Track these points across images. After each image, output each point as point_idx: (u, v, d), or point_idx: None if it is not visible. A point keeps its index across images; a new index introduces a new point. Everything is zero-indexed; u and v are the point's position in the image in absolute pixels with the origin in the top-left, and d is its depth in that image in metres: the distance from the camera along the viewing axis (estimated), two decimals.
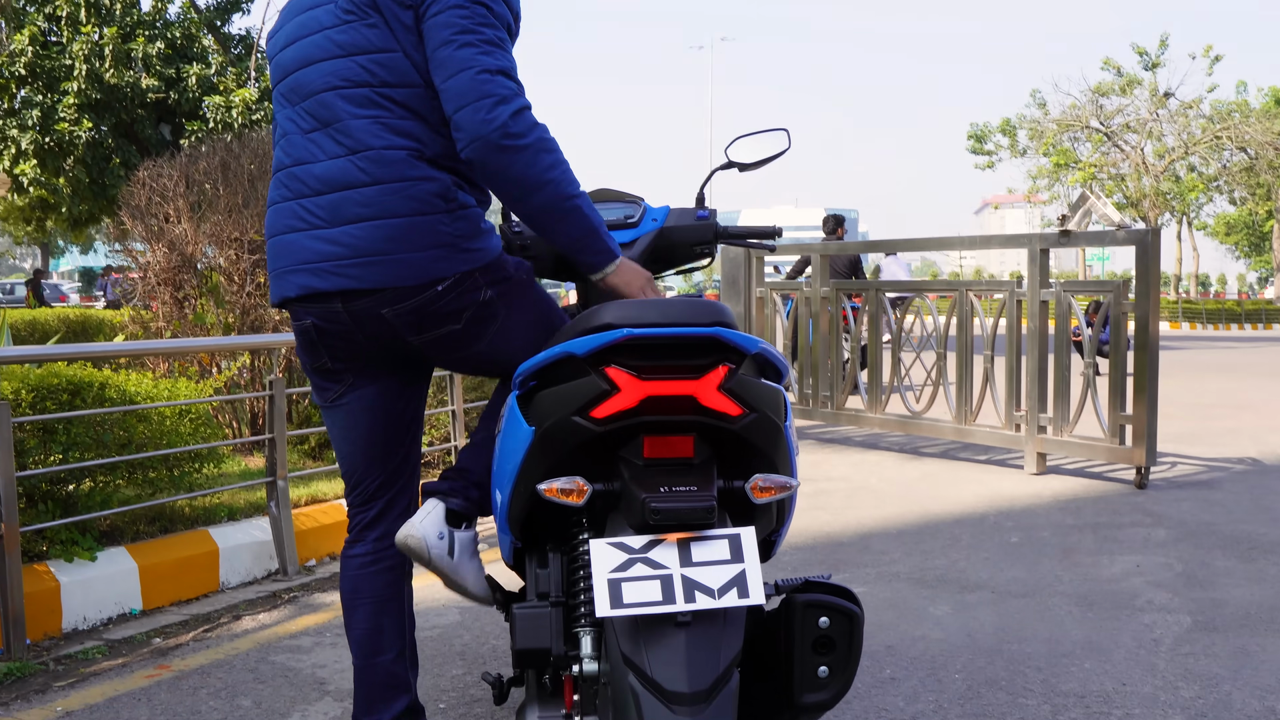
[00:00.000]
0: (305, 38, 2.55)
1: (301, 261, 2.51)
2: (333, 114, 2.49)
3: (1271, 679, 3.64)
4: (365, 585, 2.71)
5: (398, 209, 2.43)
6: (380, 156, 2.44)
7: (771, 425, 2.20)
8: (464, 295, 2.47)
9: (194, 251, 7.06)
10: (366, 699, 2.70)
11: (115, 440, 4.86)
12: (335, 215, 2.47)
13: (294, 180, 2.55)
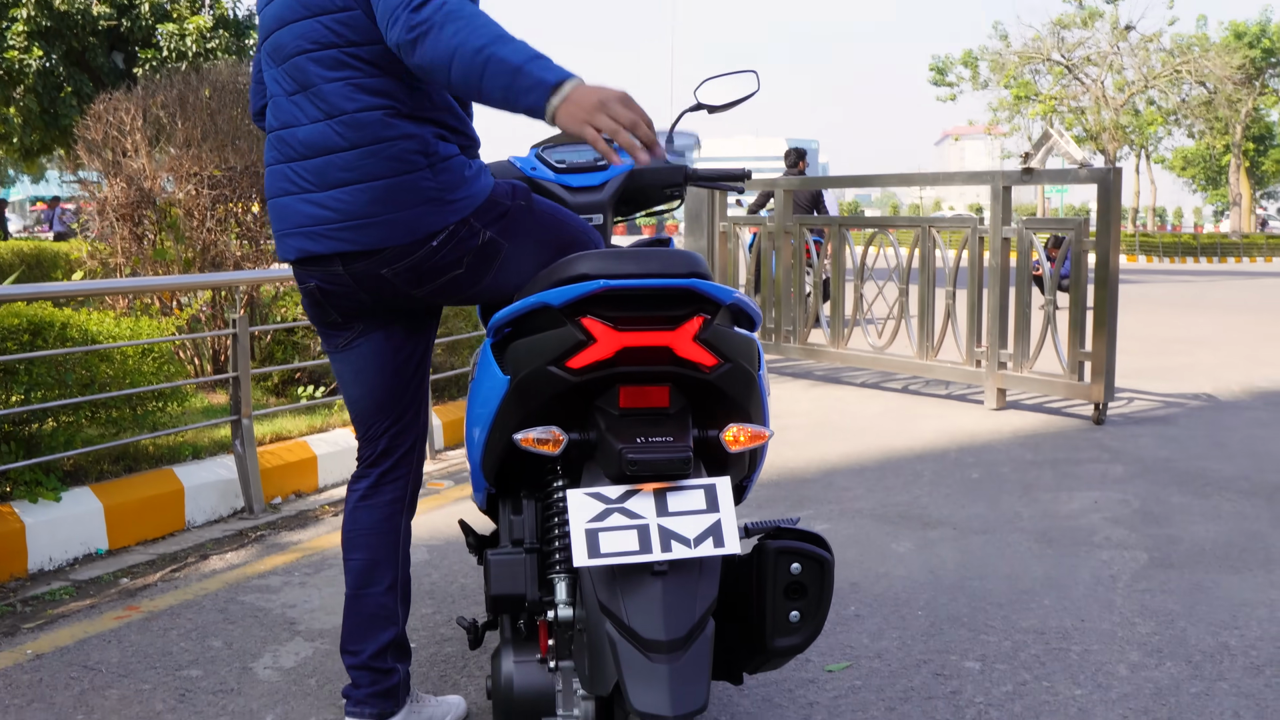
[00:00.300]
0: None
1: (296, 225, 2.52)
2: (307, 78, 2.48)
3: (1224, 615, 3.73)
4: (365, 518, 2.75)
5: (378, 171, 2.42)
6: (355, 120, 2.42)
7: (746, 375, 2.21)
8: (461, 244, 2.48)
9: (152, 186, 6.97)
10: (355, 629, 2.73)
11: (78, 380, 4.82)
12: (322, 180, 2.48)
13: (283, 144, 2.55)
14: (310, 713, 3.07)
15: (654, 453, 2.01)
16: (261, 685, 3.25)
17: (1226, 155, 57.17)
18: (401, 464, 2.78)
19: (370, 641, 2.72)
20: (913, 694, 3.14)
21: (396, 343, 2.71)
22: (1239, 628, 3.61)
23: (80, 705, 3.12)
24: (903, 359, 8.41)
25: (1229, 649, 3.45)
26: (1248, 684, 3.19)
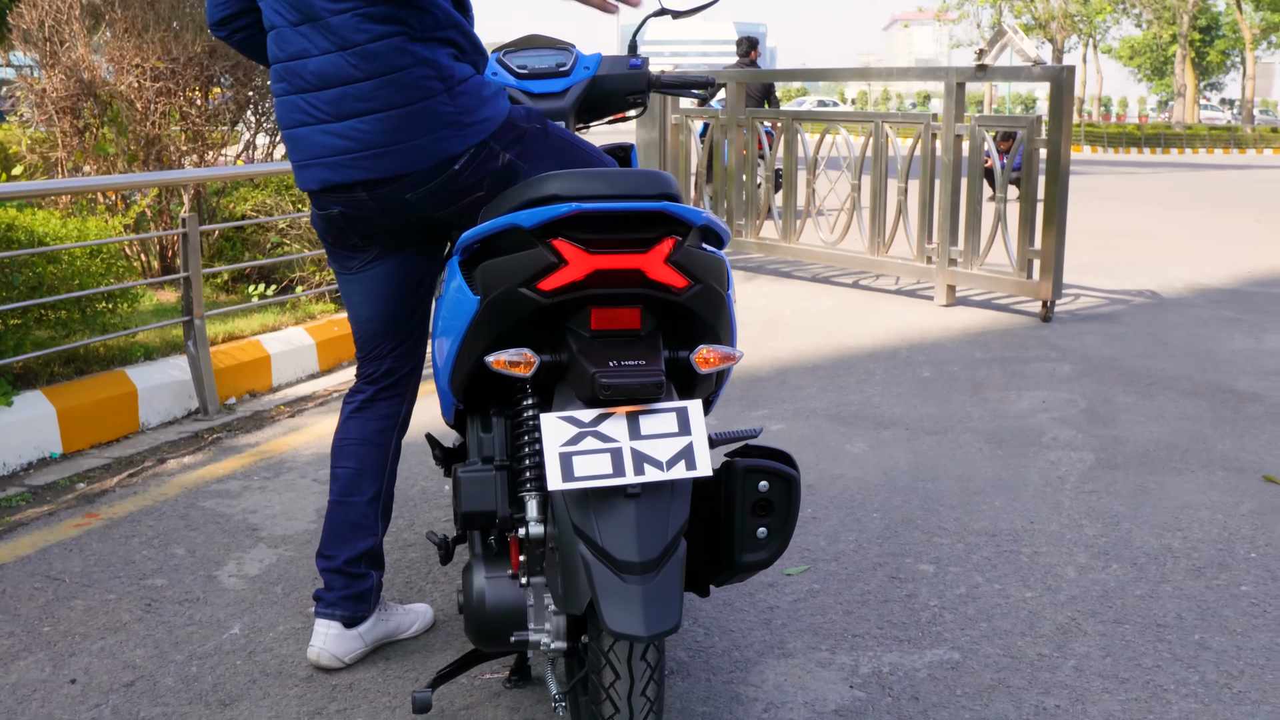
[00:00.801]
0: None
1: (316, 156, 2.50)
2: (311, 9, 2.43)
3: (1168, 516, 3.84)
4: (357, 429, 2.79)
5: (396, 100, 2.41)
6: (367, 51, 2.40)
7: (716, 295, 2.23)
8: (482, 166, 2.48)
9: (93, 78, 6.78)
10: (335, 535, 2.78)
11: (25, 282, 4.74)
12: (338, 110, 2.46)
13: (292, 75, 2.50)
14: (278, 621, 3.10)
15: (627, 377, 2.03)
16: (227, 594, 3.27)
17: (1173, 45, 57.20)
18: (401, 383, 2.81)
19: (347, 548, 2.76)
20: (869, 597, 3.22)
21: (410, 266, 2.72)
22: (1181, 530, 3.72)
23: (46, 617, 3.13)
24: (854, 254, 8.44)
25: (1172, 551, 3.55)
26: (1189, 586, 3.30)
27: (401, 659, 2.87)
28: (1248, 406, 5.21)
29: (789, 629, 3.03)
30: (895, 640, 2.97)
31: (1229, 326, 7.11)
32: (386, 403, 2.82)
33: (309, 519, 3.85)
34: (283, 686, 2.75)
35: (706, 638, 2.98)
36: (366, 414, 2.81)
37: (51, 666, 2.85)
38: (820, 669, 2.82)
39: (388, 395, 2.82)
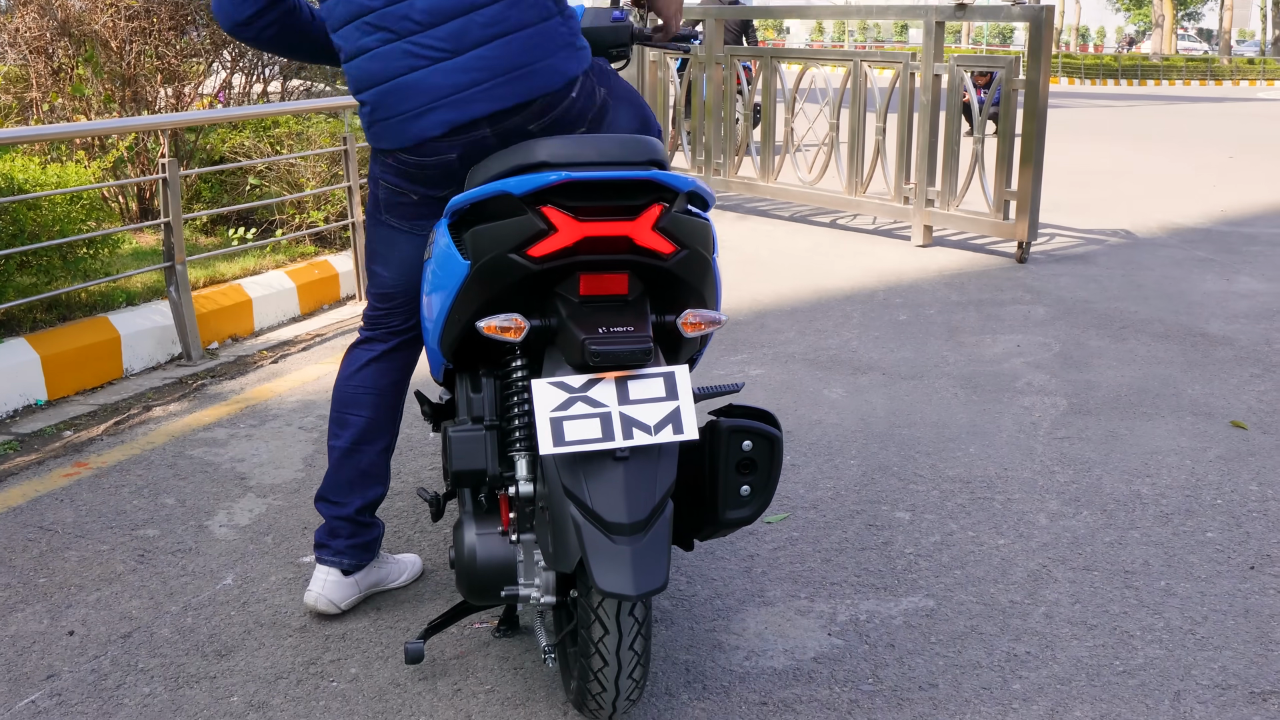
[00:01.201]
0: None
1: (436, 99, 2.45)
2: None
3: (1137, 462, 3.94)
4: (373, 378, 2.81)
5: (523, 20, 2.43)
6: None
7: (702, 260, 2.28)
8: (589, 98, 2.54)
9: (67, 17, 6.72)
10: (346, 483, 2.83)
11: (6, 230, 4.74)
12: (459, 42, 2.43)
13: (395, 20, 2.45)
14: (269, 571, 3.16)
15: (616, 344, 2.08)
16: (219, 544, 3.33)
17: None
18: (419, 336, 2.82)
19: (358, 496, 2.83)
20: (847, 545, 3.31)
21: None
22: (1150, 476, 3.82)
23: (41, 568, 3.18)
24: (832, 194, 8.47)
25: (1141, 497, 3.65)
26: (1157, 532, 3.40)
27: (393, 609, 2.94)
28: (1217, 350, 5.31)
29: (769, 577, 3.11)
30: (872, 588, 3.06)
31: (1201, 268, 7.20)
32: (404, 354, 2.86)
33: (296, 468, 3.91)
34: (277, 637, 2.82)
35: (689, 586, 3.06)
36: (384, 364, 2.83)
37: (49, 618, 2.91)
38: (799, 617, 2.91)
39: (407, 347, 2.85)
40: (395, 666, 2.68)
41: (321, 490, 2.87)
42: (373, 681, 2.63)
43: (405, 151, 2.53)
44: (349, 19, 2.52)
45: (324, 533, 2.88)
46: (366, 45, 2.51)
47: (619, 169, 2.16)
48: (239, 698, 2.56)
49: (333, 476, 2.86)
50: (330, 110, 6.75)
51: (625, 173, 2.14)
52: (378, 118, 2.54)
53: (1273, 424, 4.33)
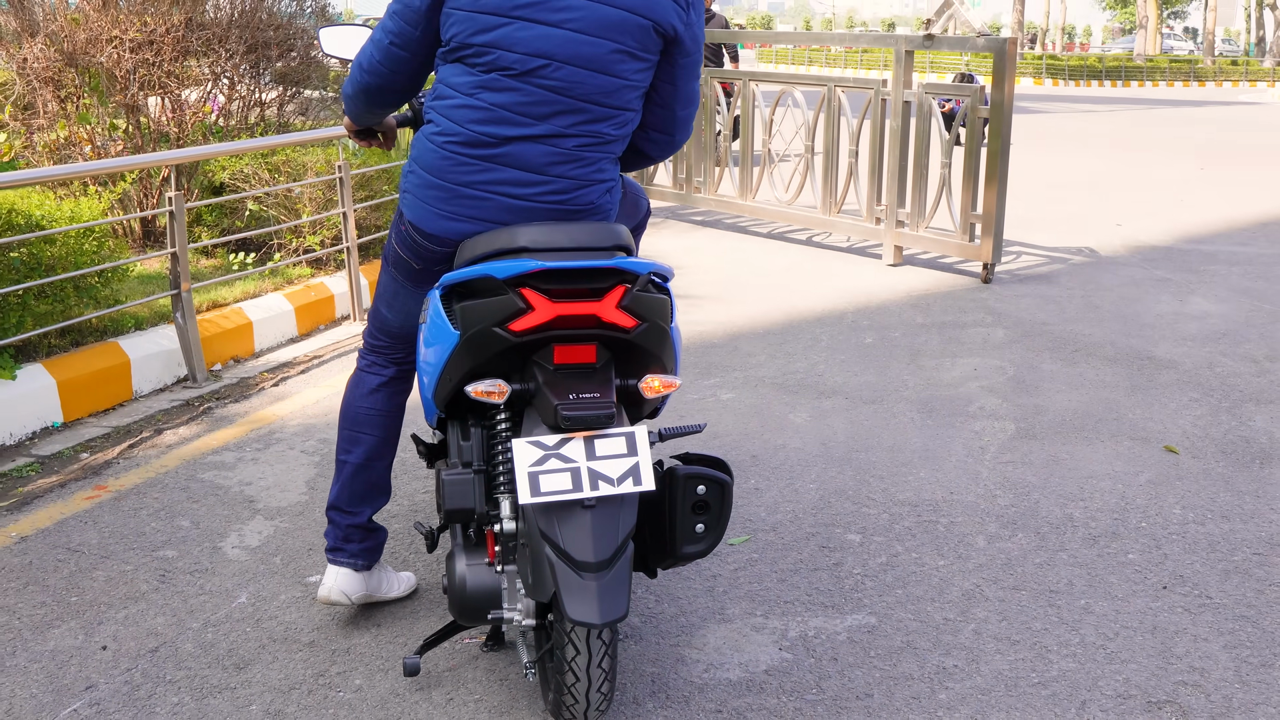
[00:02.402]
0: (555, 29, 2.70)
1: (477, 214, 2.80)
2: (561, 118, 2.74)
3: (1073, 487, 4.30)
4: (383, 402, 3.20)
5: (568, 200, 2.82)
6: (574, 156, 2.79)
7: (660, 331, 2.63)
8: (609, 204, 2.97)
9: (74, 49, 7.04)
10: (359, 495, 3.20)
11: (26, 264, 5.07)
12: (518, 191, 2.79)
13: (497, 142, 2.75)
14: (279, 590, 3.50)
15: (584, 409, 2.43)
16: (232, 565, 3.67)
17: None
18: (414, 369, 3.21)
19: (369, 506, 3.21)
20: (801, 566, 3.66)
21: None
22: (1084, 500, 4.18)
23: (72, 587, 3.52)
24: (808, 214, 8.83)
25: (1073, 520, 4.01)
26: (1083, 554, 3.76)
27: (391, 626, 3.29)
28: (1162, 374, 5.67)
29: (729, 596, 3.46)
30: (821, 606, 3.41)
31: (1158, 288, 7.57)
32: (406, 381, 3.24)
33: (300, 491, 4.25)
34: (289, 651, 3.16)
35: (656, 604, 3.41)
36: (391, 389, 3.21)
37: (83, 634, 3.25)
38: (754, 633, 3.26)
39: (408, 376, 3.24)
40: (395, 678, 3.03)
41: (334, 501, 3.22)
42: (375, 692, 2.97)
43: (420, 234, 2.88)
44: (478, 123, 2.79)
45: (338, 538, 3.23)
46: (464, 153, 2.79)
47: (588, 255, 2.51)
48: (257, 706, 2.91)
49: (346, 489, 3.21)
50: (326, 140, 7.07)
51: (592, 261, 2.49)
52: (423, 198, 2.86)
53: (1202, 449, 4.69)
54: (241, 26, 7.44)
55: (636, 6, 2.73)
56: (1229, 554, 3.76)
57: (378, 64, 2.93)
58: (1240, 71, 49.75)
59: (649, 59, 2.80)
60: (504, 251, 2.58)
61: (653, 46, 2.79)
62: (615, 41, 2.72)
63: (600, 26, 2.70)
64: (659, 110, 2.93)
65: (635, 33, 2.73)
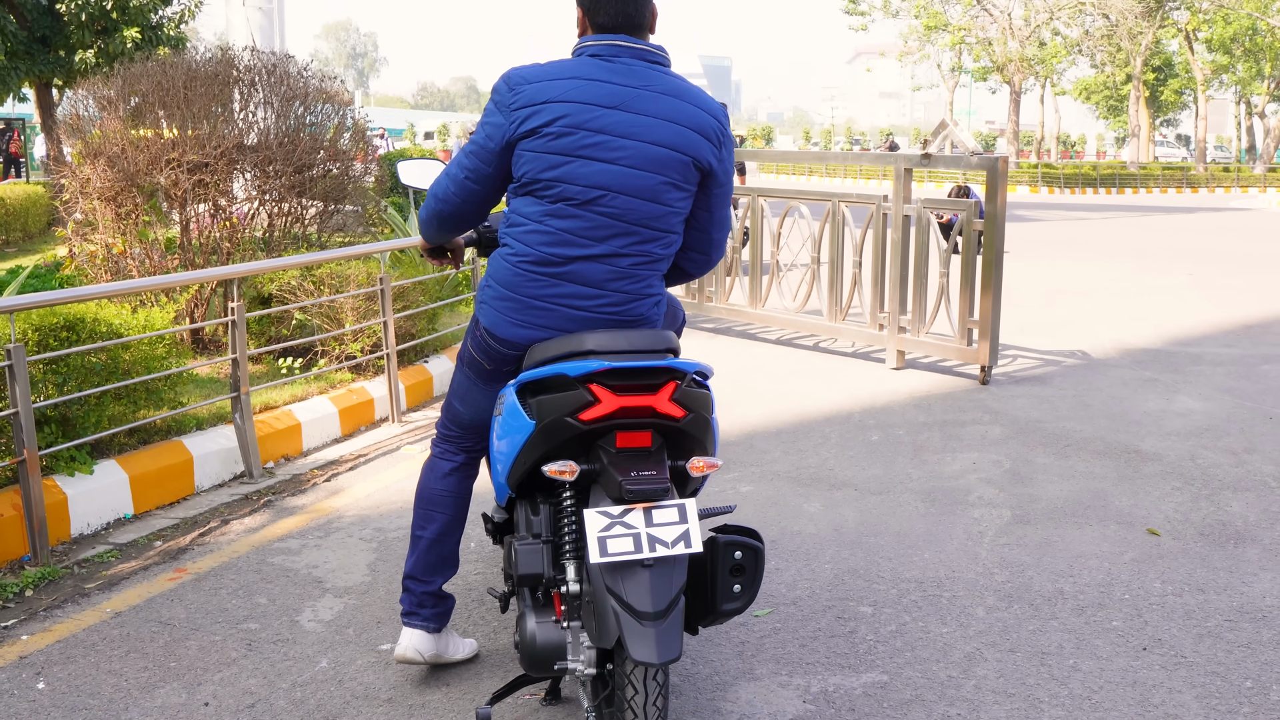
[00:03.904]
0: (612, 165, 3.21)
1: (543, 323, 3.29)
2: (617, 241, 3.24)
3: (1064, 565, 4.73)
4: (454, 487, 3.67)
5: (624, 312, 3.32)
6: (627, 274, 3.28)
7: (704, 421, 3.11)
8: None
9: (135, 171, 7.61)
10: (432, 567, 3.65)
11: (105, 368, 5.57)
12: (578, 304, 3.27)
13: (562, 262, 3.24)
14: (355, 656, 3.93)
15: (644, 484, 2.90)
16: (310, 635, 4.10)
17: (1128, 85, 58.91)
18: (481, 454, 3.70)
19: (441, 577, 3.67)
20: (820, 633, 4.09)
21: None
22: (1073, 576, 4.61)
23: (169, 654, 3.95)
24: (815, 321, 9.36)
25: (1063, 593, 4.44)
26: (1073, 622, 4.19)
27: (459, 684, 3.71)
28: (1147, 465, 6.13)
29: (757, 659, 3.89)
30: (839, 666, 3.84)
31: (1146, 388, 8.05)
32: (474, 467, 3.73)
33: (363, 573, 4.69)
34: (371, 706, 3.58)
35: (693, 666, 3.84)
36: (461, 473, 3.70)
37: (186, 693, 3.68)
38: (780, 689, 3.68)
39: (475, 463, 3.73)
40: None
41: (410, 571, 3.68)
42: None
43: (494, 339, 3.36)
44: (543, 245, 3.27)
45: (413, 604, 3.69)
46: (535, 272, 3.27)
47: (645, 357, 3.01)
48: None
49: (421, 560, 3.67)
50: (366, 255, 7.62)
51: (649, 362, 2.98)
52: (498, 308, 3.34)
53: (1182, 531, 5.13)
54: (287, 149, 8.02)
55: (679, 145, 3.25)
56: (1203, 620, 4.20)
57: (451, 195, 3.45)
58: (1232, 178, 50.90)
59: (689, 189, 3.32)
60: (572, 354, 3.07)
61: (692, 179, 3.31)
62: (662, 175, 3.24)
63: (649, 162, 3.23)
64: (697, 233, 3.44)
65: (678, 167, 3.26)
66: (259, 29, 18.33)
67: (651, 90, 3.25)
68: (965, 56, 54.37)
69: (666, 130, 3.23)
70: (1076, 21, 52.37)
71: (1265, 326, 10.87)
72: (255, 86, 8.10)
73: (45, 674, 3.83)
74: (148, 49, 18.85)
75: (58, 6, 19.84)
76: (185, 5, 20.88)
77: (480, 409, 3.57)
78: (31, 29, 20.31)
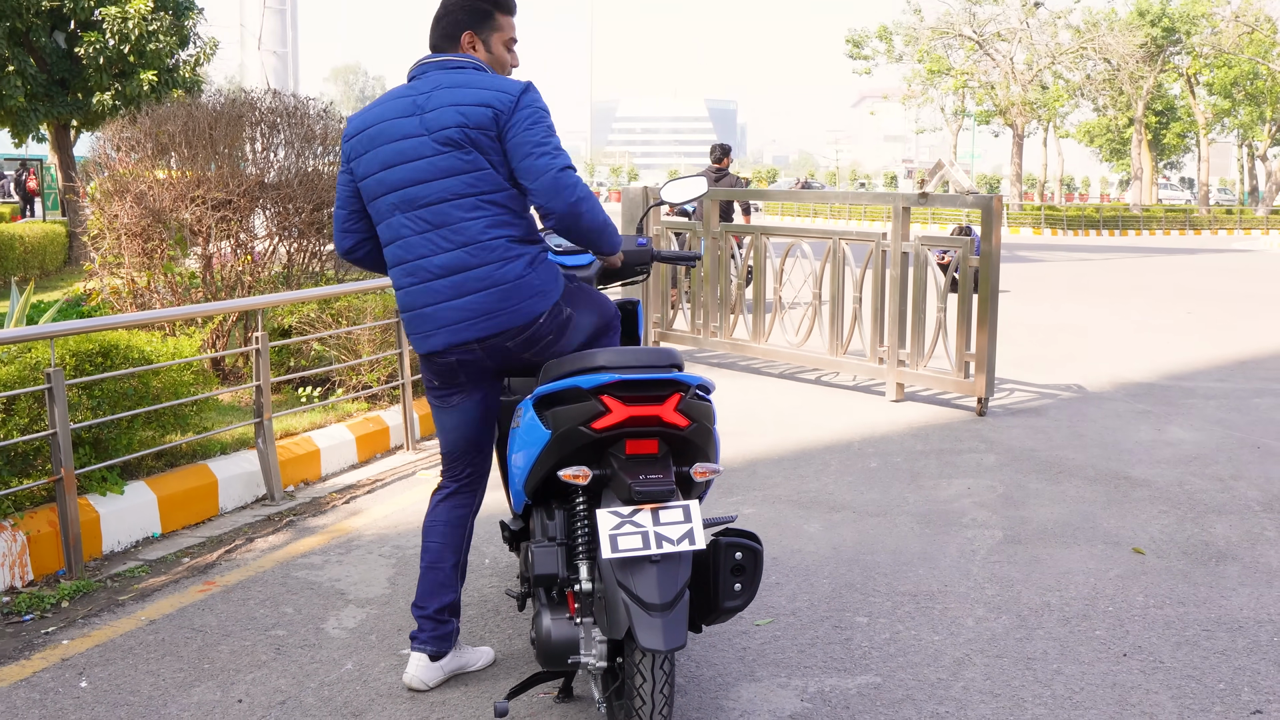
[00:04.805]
0: (409, 163, 3.60)
1: (439, 325, 3.62)
2: (445, 218, 3.57)
3: (1052, 580, 4.96)
4: (444, 515, 3.92)
5: (502, 279, 3.56)
6: (486, 245, 3.56)
7: (706, 430, 3.37)
8: (555, 319, 3.66)
9: (161, 208, 7.91)
10: (428, 591, 3.88)
11: (136, 393, 5.83)
12: (458, 291, 3.58)
13: (419, 271, 3.62)
14: (379, 659, 4.17)
15: (651, 486, 3.15)
16: (335, 641, 4.34)
17: (1130, 128, 59.46)
18: (474, 483, 3.93)
19: (436, 601, 3.87)
20: (817, 641, 4.32)
21: (488, 401, 3.85)
22: (1060, 590, 4.84)
23: (203, 658, 4.19)
24: (816, 355, 9.62)
25: (1050, 606, 4.67)
26: (1058, 631, 4.42)
27: (477, 685, 3.94)
28: (1136, 490, 6.36)
29: (758, 662, 4.12)
30: (835, 670, 4.07)
31: (1139, 419, 8.29)
32: (465, 495, 3.94)
33: (383, 585, 4.93)
34: (395, 703, 3.82)
35: (698, 669, 4.07)
36: (451, 503, 3.93)
37: (220, 691, 3.91)
38: (780, 689, 3.91)
39: (467, 490, 3.94)
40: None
41: (415, 599, 3.92)
42: None
43: (424, 356, 3.73)
44: (396, 262, 3.71)
45: (416, 629, 3.92)
46: (402, 283, 3.70)
47: (652, 371, 3.26)
48: None
49: (420, 587, 3.92)
50: (381, 288, 7.90)
51: (656, 374, 3.24)
52: (408, 332, 3.77)
53: (1167, 550, 5.36)
54: (307, 187, 8.32)
55: (457, 121, 3.61)
56: (1182, 630, 4.42)
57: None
58: (1235, 220, 51.28)
59: (476, 151, 3.63)
60: (584, 369, 3.33)
61: (477, 139, 3.63)
62: (446, 148, 3.63)
63: (431, 147, 3.64)
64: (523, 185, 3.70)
65: (456, 132, 3.61)
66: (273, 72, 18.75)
67: (445, 87, 3.62)
68: (968, 100, 54.90)
69: (449, 112, 3.58)
70: (1078, 66, 52.89)
71: (1259, 362, 11.11)
72: (277, 128, 8.40)
73: (87, 674, 4.07)
74: (164, 91, 19.26)
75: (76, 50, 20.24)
76: (201, 49, 21.30)
77: (447, 430, 3.88)
78: (51, 72, 20.71)
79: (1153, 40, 52.61)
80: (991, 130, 59.05)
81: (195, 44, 21.35)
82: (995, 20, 51.27)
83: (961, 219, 36.75)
